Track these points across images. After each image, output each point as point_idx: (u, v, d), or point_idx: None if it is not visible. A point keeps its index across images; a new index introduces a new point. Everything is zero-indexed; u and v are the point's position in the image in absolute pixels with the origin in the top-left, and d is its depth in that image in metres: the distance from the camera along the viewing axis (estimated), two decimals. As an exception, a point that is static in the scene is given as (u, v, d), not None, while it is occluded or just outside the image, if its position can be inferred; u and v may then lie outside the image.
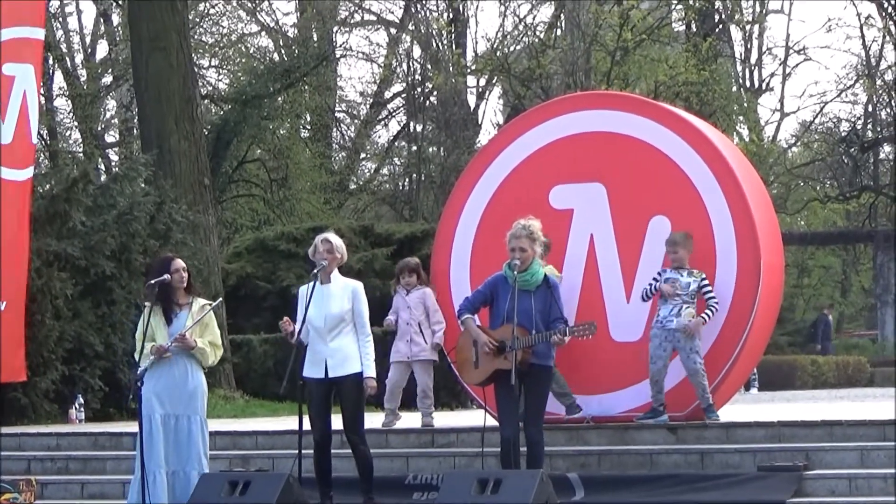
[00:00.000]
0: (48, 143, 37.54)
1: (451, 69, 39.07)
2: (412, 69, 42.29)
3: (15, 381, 15.30)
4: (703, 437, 12.12)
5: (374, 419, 12.75)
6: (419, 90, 41.77)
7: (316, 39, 40.56)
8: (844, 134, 43.34)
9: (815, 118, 46.01)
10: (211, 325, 11.32)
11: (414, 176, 42.47)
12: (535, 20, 40.54)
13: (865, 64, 43.70)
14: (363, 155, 45.21)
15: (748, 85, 47.10)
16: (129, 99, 37.80)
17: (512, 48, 39.98)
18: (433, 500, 11.45)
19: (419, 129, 42.47)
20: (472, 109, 42.13)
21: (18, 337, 14.60)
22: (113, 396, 18.86)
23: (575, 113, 13.14)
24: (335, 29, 42.47)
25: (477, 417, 12.33)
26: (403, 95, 43.24)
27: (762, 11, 45.23)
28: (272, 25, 42.35)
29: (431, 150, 42.20)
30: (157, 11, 22.05)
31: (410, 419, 13.67)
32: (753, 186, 13.03)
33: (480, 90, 43.04)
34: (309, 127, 42.38)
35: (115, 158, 41.60)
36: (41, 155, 35.22)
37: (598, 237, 12.78)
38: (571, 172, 12.95)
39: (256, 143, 37.71)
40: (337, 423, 11.20)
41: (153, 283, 11.19)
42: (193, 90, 22.73)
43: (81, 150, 39.19)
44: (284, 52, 40.85)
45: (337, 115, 43.61)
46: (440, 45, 41.24)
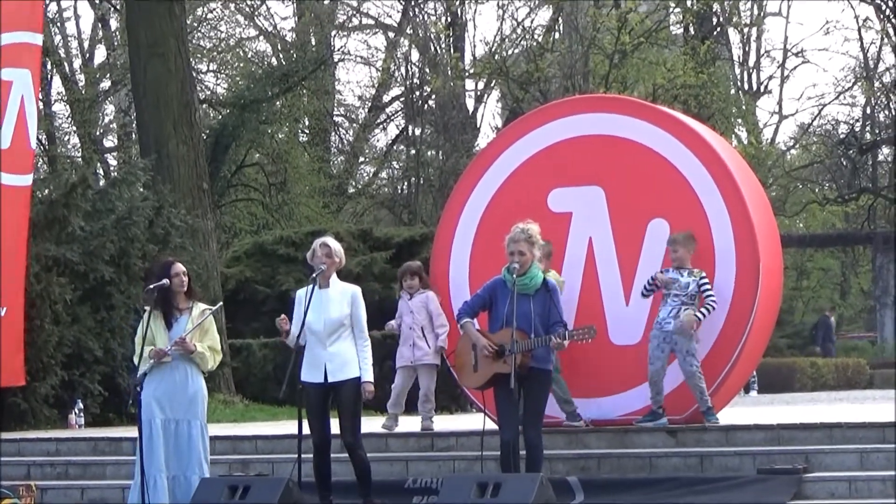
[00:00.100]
0: (46, 148, 37.56)
1: (449, 73, 39.07)
2: (410, 73, 42.33)
3: (14, 385, 15.31)
4: (702, 439, 12.12)
5: (371, 423, 12.74)
6: (417, 94, 41.77)
7: (314, 43, 40.51)
8: (843, 136, 43.36)
9: (813, 120, 46.16)
10: (211, 329, 11.31)
11: (412, 179, 42.48)
12: (533, 24, 40.60)
13: (863, 66, 43.74)
14: (362, 159, 45.18)
15: (746, 87, 47.07)
16: (127, 104, 37.76)
17: (510, 52, 39.99)
18: (433, 503, 11.45)
19: (418, 132, 42.49)
20: (470, 113, 42.12)
21: (18, 342, 14.62)
22: (112, 401, 18.84)
23: (573, 116, 13.14)
24: (333, 33, 42.45)
25: (476, 421, 12.32)
26: (402, 99, 43.22)
27: (760, 14, 45.22)
28: (270, 30, 42.37)
29: (430, 153, 42.21)
30: (155, 16, 22.03)
31: (410, 423, 13.66)
32: (752, 189, 13.03)
33: (479, 94, 43.11)
34: (307, 131, 42.38)
35: (113, 163, 41.61)
36: (40, 160, 35.23)
37: (596, 240, 12.78)
38: (570, 176, 12.95)
39: (255, 147, 37.71)
40: (335, 427, 11.20)
41: (153, 287, 11.16)
42: (192, 95, 22.72)
43: (80, 155, 39.15)
44: (282, 56, 40.82)
45: (335, 119, 43.59)
46: (438, 48, 41.27)
